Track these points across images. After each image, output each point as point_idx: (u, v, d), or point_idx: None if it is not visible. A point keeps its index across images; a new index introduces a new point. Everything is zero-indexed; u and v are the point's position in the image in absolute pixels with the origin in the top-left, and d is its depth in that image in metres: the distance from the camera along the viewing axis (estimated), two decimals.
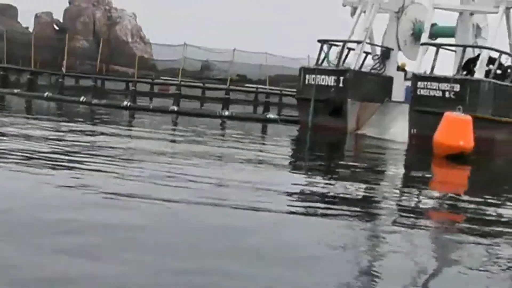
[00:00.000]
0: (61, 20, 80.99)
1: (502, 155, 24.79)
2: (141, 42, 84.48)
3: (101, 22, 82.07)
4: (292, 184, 12.56)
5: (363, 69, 31.08)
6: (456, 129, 21.71)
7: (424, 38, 27.36)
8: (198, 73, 57.41)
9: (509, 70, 26.62)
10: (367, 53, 31.24)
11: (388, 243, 8.49)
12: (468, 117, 21.90)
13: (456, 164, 20.41)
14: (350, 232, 8.94)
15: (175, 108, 32.98)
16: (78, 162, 12.72)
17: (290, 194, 11.40)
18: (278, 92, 44.58)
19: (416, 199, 13.01)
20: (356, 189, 13.01)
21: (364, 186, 13.47)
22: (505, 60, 26.80)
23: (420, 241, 8.94)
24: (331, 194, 12.01)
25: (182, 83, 40.48)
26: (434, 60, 26.02)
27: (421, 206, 12.30)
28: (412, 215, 10.71)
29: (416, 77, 25.99)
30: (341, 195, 11.88)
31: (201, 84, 48.15)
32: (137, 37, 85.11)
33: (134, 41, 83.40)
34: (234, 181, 11.83)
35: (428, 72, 26.13)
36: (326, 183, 13.54)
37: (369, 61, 31.48)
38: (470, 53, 27.28)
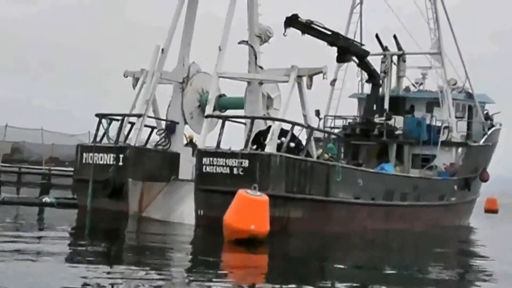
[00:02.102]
0: None
1: (299, 234, 22.47)
2: None
3: None
4: None
5: (148, 145, 28.12)
6: (248, 211, 18.84)
7: (209, 109, 24.80)
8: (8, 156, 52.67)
9: (304, 143, 24.57)
10: (152, 128, 28.30)
11: None
12: (264, 197, 19.15)
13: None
14: None
15: None
16: None
17: None
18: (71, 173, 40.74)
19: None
20: None
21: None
22: (299, 132, 24.70)
23: None
24: None
25: None
26: (220, 133, 23.57)
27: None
28: None
29: (201, 153, 23.28)
30: None
31: None
32: None
33: None
34: None
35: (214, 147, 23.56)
36: None
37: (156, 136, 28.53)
38: (262, 126, 25.13)
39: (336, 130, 33.44)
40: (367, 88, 35.70)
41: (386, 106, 34.43)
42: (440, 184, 33.09)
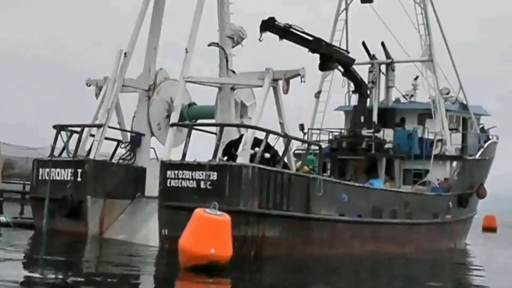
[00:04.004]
0: None
1: (274, 256, 20.09)
2: None
3: None
4: None
5: (114, 160, 25.77)
6: (207, 232, 16.14)
7: (175, 117, 22.44)
8: None
9: (281, 153, 22.12)
10: (119, 141, 25.95)
11: None
12: (225, 217, 16.46)
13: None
14: None
15: None
16: None
17: None
18: None
19: None
20: None
21: None
22: (275, 141, 22.29)
23: None
24: None
25: None
26: (186, 143, 21.26)
27: None
28: None
29: (165, 165, 20.90)
30: None
31: None
32: None
33: None
34: None
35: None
36: None
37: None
38: (235, 135, 22.86)
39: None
40: (355, 101, 33.54)
41: (375, 118, 32.34)
42: (434, 200, 30.71)
